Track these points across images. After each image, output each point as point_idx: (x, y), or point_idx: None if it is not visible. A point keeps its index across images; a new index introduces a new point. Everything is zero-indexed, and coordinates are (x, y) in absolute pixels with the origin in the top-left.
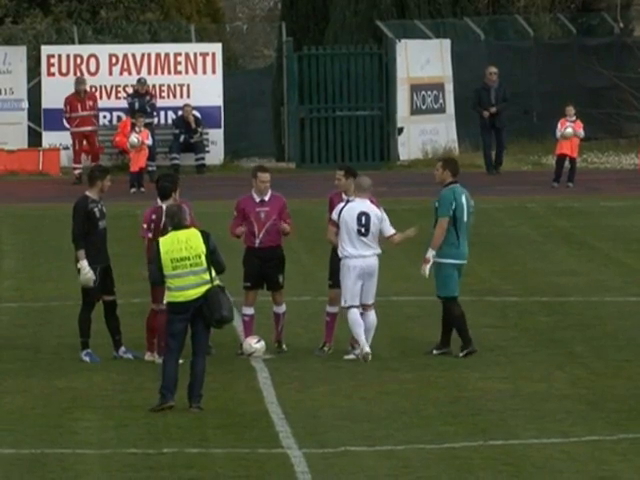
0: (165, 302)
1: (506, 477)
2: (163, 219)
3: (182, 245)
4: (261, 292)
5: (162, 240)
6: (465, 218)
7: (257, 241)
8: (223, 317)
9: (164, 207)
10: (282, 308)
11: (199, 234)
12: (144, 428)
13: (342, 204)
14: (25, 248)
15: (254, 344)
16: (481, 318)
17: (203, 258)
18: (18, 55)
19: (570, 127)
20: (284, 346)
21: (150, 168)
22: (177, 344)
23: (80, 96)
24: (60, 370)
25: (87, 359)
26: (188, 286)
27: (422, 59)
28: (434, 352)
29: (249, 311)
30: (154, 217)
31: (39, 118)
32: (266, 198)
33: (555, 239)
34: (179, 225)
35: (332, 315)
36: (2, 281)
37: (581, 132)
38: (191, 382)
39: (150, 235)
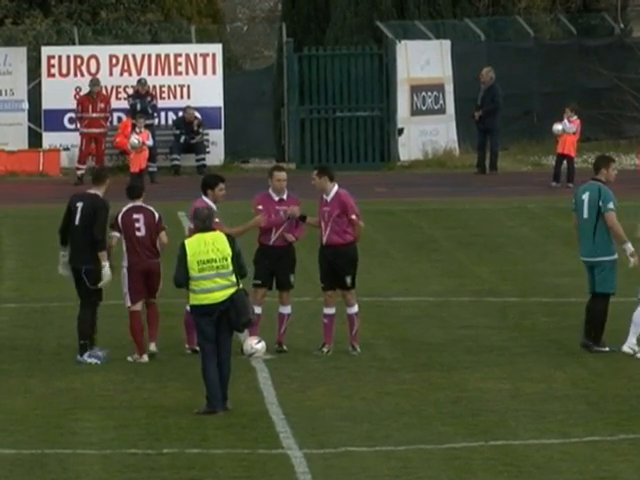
0: (190, 305)
1: (506, 477)
2: (155, 218)
3: (209, 247)
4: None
5: (188, 242)
6: (585, 215)
7: (273, 238)
8: (250, 321)
9: (150, 208)
10: (288, 309)
11: (224, 237)
12: (144, 428)
13: None
14: (25, 249)
15: (255, 345)
16: (481, 319)
17: (229, 261)
18: (18, 56)
19: (560, 124)
20: (284, 347)
21: (151, 169)
22: (211, 347)
23: (92, 97)
24: (61, 371)
25: (99, 354)
26: (214, 288)
27: (422, 60)
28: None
29: (257, 310)
30: (135, 216)
31: (39, 119)
32: (284, 197)
33: (555, 240)
34: (207, 228)
35: (329, 317)
36: (2, 282)
37: (572, 127)
38: None
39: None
